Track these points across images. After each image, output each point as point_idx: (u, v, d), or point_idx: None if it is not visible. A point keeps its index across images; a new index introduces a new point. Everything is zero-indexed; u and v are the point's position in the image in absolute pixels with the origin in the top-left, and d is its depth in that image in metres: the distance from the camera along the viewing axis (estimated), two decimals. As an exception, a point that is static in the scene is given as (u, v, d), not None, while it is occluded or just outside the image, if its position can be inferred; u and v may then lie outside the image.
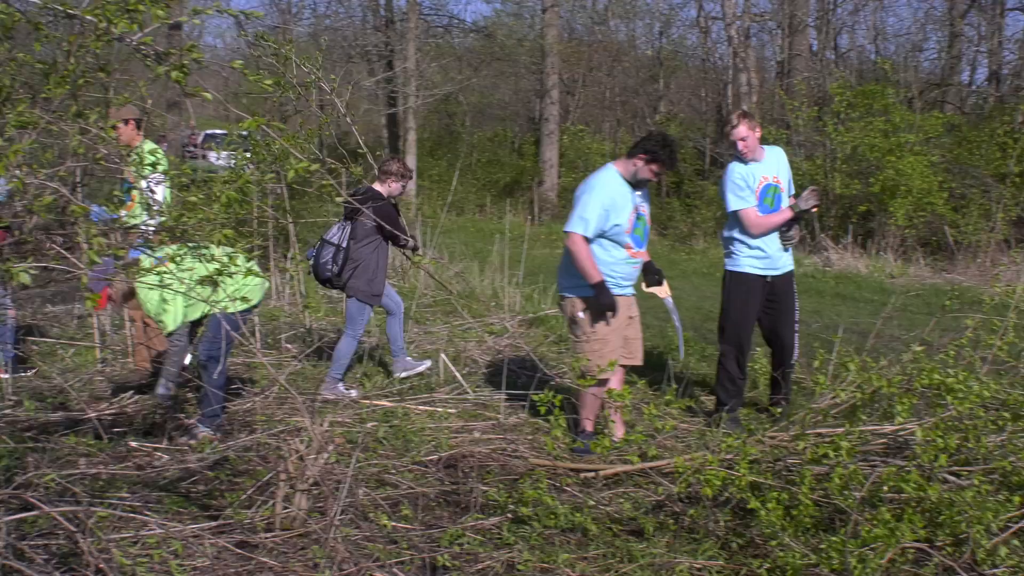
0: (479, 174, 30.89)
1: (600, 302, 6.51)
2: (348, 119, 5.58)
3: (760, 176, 7.22)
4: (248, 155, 6.30)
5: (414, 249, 8.47)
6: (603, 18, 37.22)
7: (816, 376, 7.05)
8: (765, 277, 7.26)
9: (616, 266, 6.63)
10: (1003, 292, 6.52)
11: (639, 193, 6.68)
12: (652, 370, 8.33)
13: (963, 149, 20.43)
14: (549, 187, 28.98)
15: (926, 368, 5.44)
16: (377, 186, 8.12)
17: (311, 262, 8.12)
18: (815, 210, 7.21)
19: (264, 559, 4.49)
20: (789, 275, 7.36)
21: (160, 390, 6.55)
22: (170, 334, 6.40)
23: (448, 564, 4.54)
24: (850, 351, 6.45)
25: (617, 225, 6.52)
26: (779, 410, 6.38)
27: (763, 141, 7.37)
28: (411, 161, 27.83)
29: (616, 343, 6.63)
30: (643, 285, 7.02)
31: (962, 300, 8.79)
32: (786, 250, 7.25)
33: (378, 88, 30.79)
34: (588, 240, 6.51)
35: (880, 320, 8.81)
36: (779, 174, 7.26)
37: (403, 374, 8.29)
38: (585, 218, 6.48)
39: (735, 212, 7.25)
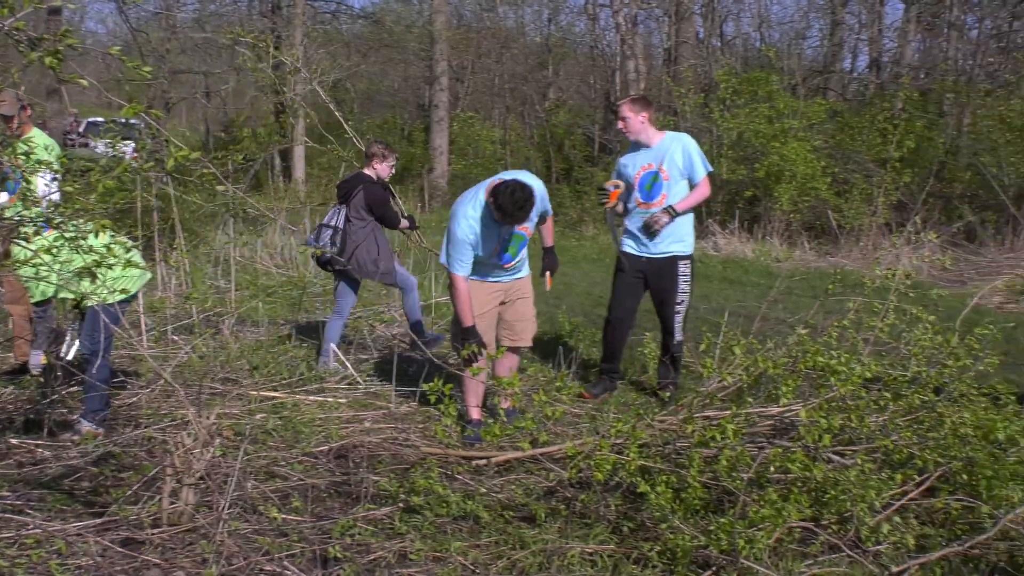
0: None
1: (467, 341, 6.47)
2: (326, 98, 5.50)
3: (643, 164, 7.42)
4: (131, 143, 6.18)
5: (412, 228, 8.79)
6: (492, 4, 37.15)
7: (704, 360, 7.15)
8: (641, 257, 7.55)
9: (489, 270, 6.64)
10: (884, 275, 6.65)
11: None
12: (543, 356, 8.37)
13: (845, 135, 20.78)
14: (439, 174, 28.89)
15: (810, 350, 5.53)
16: (367, 171, 8.34)
17: (311, 246, 8.40)
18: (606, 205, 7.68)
19: (150, 556, 4.40)
20: (670, 260, 7.48)
21: (31, 360, 6.44)
22: (37, 304, 6.30)
23: (339, 555, 4.50)
24: (737, 334, 6.53)
25: (480, 255, 6.45)
26: (667, 394, 6.45)
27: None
28: (299, 149, 27.58)
29: (481, 327, 6.54)
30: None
31: (845, 283, 8.96)
32: (652, 238, 7.45)
33: (267, 75, 30.34)
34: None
35: (766, 304, 8.97)
36: (665, 162, 7.34)
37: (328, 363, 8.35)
38: (458, 259, 6.39)
39: None
